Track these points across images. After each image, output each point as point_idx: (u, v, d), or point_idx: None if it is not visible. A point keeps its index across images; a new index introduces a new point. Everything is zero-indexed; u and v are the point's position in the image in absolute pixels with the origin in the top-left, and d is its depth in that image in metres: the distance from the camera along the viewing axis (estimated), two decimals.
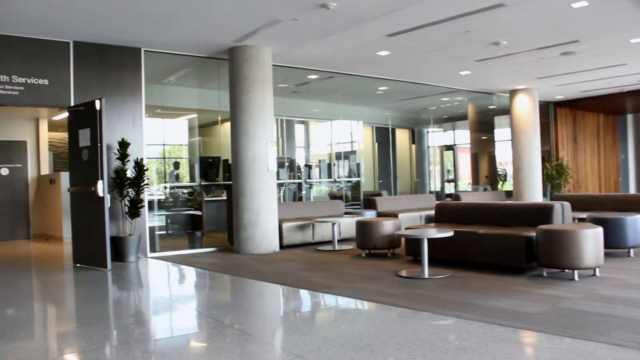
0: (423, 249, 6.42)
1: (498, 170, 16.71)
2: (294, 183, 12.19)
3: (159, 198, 10.21)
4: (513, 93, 14.54)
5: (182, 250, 9.32)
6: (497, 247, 6.59)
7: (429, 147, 18.00)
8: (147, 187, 8.67)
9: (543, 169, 15.03)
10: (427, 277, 6.25)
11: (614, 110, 18.48)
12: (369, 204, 12.00)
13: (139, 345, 4.02)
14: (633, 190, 19.47)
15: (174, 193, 10.84)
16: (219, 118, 10.71)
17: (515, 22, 8.22)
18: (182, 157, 12.80)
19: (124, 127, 8.67)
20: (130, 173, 8.42)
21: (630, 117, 19.62)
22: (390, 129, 16.23)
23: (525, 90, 14.32)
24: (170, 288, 7.00)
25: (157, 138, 11.88)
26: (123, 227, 8.45)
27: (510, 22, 8.21)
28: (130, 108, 8.76)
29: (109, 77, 8.60)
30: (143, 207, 8.58)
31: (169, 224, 10.67)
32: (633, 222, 7.37)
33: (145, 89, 8.94)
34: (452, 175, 17.96)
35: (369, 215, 11.02)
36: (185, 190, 10.94)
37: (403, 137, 17.83)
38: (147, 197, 8.89)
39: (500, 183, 16.52)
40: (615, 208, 9.09)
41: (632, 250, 7.48)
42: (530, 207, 7.32)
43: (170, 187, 10.90)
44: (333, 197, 13.09)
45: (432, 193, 15.98)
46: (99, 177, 7.58)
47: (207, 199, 10.69)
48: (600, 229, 6.01)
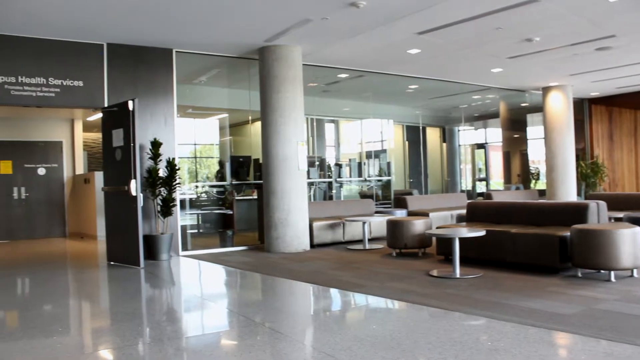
0: (454, 249, 6.36)
1: (531, 169, 16.46)
2: (324, 182, 12.19)
3: (191, 197, 10.33)
4: (546, 90, 14.28)
5: (213, 249, 9.40)
6: (530, 246, 6.49)
7: (460, 145, 17.81)
8: (178, 186, 8.77)
9: (577, 168, 14.73)
10: (458, 276, 6.19)
11: None
12: (400, 203, 11.93)
13: (171, 343, 4.07)
14: None
15: (207, 192, 10.95)
16: (250, 118, 10.78)
17: (549, 17, 8.07)
18: (213, 156, 12.92)
19: (156, 127, 8.79)
20: (163, 172, 8.53)
21: None
22: (421, 128, 16.11)
23: (559, 87, 14.05)
24: (202, 286, 7.08)
25: (188, 138, 12.01)
26: (155, 225, 8.57)
27: (544, 17, 8.06)
28: (162, 108, 8.88)
29: (142, 78, 8.72)
30: (175, 206, 8.68)
31: (201, 223, 10.78)
32: None
33: (177, 89, 9.05)
34: (483, 174, 17.75)
35: (400, 214, 10.96)
36: (217, 190, 11.04)
37: (434, 135, 17.67)
38: (178, 196, 9.00)
39: (533, 182, 16.26)
40: None
41: None
42: (565, 206, 7.19)
43: (210, 186, 11.04)
44: (363, 196, 13.05)
45: (463, 192, 15.82)
46: (132, 176, 7.70)
47: (237, 198, 10.76)
48: (638, 229, 5.85)
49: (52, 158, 12.84)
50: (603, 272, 6.01)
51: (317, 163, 11.91)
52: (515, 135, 16.79)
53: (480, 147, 17.93)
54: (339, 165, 12.51)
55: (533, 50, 10.03)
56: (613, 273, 5.78)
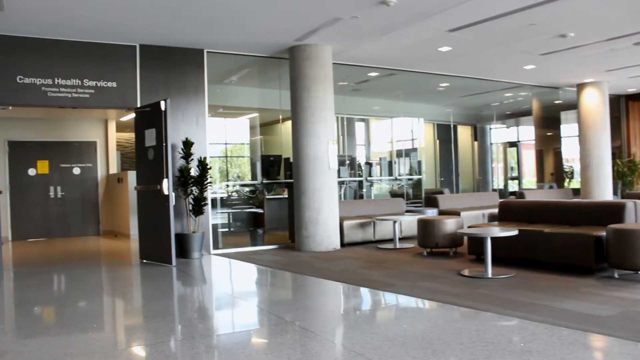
0: (486, 248, 6.28)
1: (564, 167, 16.15)
2: (355, 181, 12.17)
3: (222, 196, 10.42)
4: (581, 87, 13.97)
5: (244, 248, 9.47)
6: (564, 246, 6.36)
7: (492, 143, 17.57)
8: (210, 185, 8.85)
9: (613, 166, 14.40)
10: (490, 276, 6.11)
11: None
12: (431, 202, 11.84)
13: (203, 340, 4.11)
14: None
15: (238, 191, 11.04)
16: (280, 117, 10.82)
17: (584, 12, 7.89)
18: (243, 155, 13.01)
19: (188, 126, 8.89)
20: (194, 172, 8.62)
21: None
22: (452, 126, 15.94)
23: (594, 84, 13.74)
24: (233, 284, 7.13)
25: (219, 137, 12.13)
26: (187, 224, 8.67)
27: (579, 12, 7.89)
28: (194, 108, 8.98)
29: (173, 78, 8.83)
30: (206, 204, 8.76)
31: (232, 222, 10.87)
32: None
33: (208, 89, 9.13)
34: (515, 173, 17.50)
35: (431, 214, 10.88)
36: (248, 189, 11.11)
37: (465, 134, 17.48)
38: (210, 195, 9.08)
39: (567, 180, 15.96)
40: None
41: None
42: (600, 205, 7.04)
43: (240, 185, 11.11)
44: (394, 194, 12.99)
45: (495, 191, 15.60)
46: (164, 175, 7.79)
47: (268, 197, 10.82)
48: None
49: (86, 158, 13.09)
50: None
51: (347, 162, 11.89)
52: (549, 133, 16.48)
53: (513, 145, 17.67)
54: (370, 164, 12.47)
55: (567, 47, 9.82)
56: None
